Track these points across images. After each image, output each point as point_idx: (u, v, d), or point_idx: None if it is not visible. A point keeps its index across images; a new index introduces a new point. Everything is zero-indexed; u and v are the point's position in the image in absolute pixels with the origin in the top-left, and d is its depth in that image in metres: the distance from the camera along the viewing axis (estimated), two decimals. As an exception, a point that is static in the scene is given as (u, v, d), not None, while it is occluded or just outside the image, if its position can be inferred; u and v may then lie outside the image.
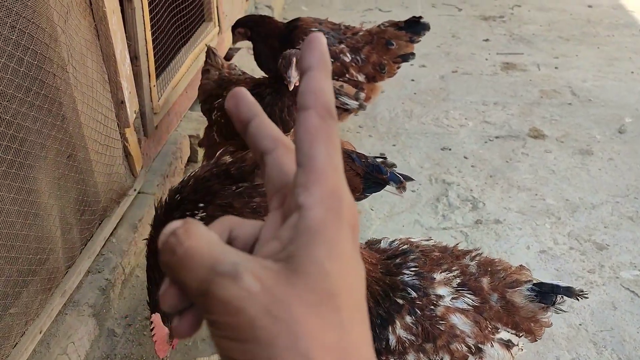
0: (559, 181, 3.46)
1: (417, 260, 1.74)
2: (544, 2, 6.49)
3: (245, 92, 0.50)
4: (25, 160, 1.87)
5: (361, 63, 3.50)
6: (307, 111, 0.44)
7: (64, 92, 2.04)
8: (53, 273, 2.18)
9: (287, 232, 0.42)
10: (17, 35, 1.74)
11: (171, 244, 0.42)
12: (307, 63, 0.46)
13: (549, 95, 4.47)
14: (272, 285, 0.39)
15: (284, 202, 0.45)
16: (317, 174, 0.42)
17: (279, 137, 0.49)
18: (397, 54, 3.53)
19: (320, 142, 0.43)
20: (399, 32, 3.51)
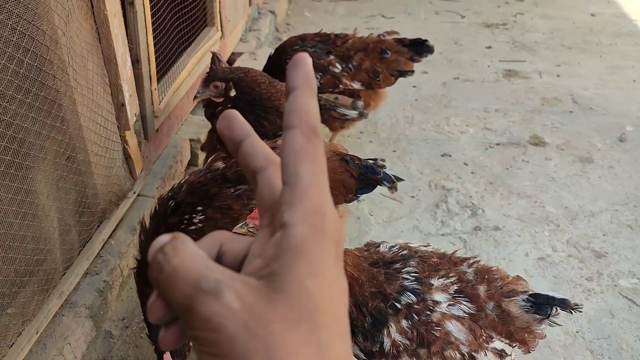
0: (558, 189, 3.46)
1: (416, 266, 1.74)
2: (547, 10, 6.50)
3: (237, 113, 0.51)
4: (24, 161, 1.89)
5: (354, 71, 3.49)
6: (293, 130, 0.45)
7: (63, 94, 2.06)
8: (50, 274, 2.19)
9: (270, 249, 0.42)
10: (17, 37, 1.76)
11: (159, 261, 0.43)
12: (292, 83, 0.47)
13: (550, 103, 4.47)
14: (252, 303, 0.40)
15: (274, 222, 0.46)
16: (301, 191, 0.43)
17: (270, 157, 0.50)
18: (395, 67, 3.53)
19: (305, 161, 0.44)
20: (401, 48, 3.52)
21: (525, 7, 6.58)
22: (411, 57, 3.54)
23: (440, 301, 1.68)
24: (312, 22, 6.05)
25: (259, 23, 5.32)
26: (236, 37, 4.78)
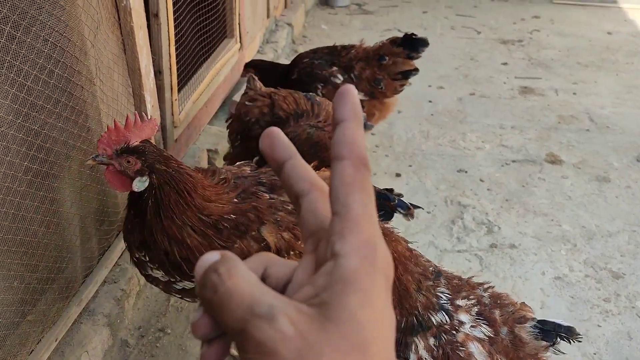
0: (575, 207, 3.45)
1: (446, 286, 1.75)
2: (563, 27, 6.51)
3: (280, 132, 0.51)
4: (51, 170, 1.91)
5: (355, 81, 3.46)
6: (343, 162, 0.46)
7: (90, 104, 2.09)
8: (70, 282, 2.21)
9: (322, 278, 0.43)
10: (49, 48, 1.79)
11: (213, 282, 0.43)
12: (340, 115, 0.48)
13: (566, 120, 4.47)
14: (305, 330, 0.40)
15: (317, 246, 0.46)
16: (352, 222, 0.44)
17: (314, 180, 0.50)
18: (395, 70, 3.48)
19: (356, 192, 0.45)
20: (397, 49, 3.47)
21: (542, 24, 6.59)
22: (408, 55, 3.47)
23: (465, 322, 1.68)
24: (328, 35, 6.09)
25: (276, 35, 5.36)
26: (254, 49, 4.82)
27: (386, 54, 3.47)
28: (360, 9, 6.97)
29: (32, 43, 1.71)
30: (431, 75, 5.24)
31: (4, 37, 1.59)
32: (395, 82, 3.51)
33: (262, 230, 1.83)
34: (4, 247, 1.79)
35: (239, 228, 1.84)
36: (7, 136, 1.69)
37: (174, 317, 2.62)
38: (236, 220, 1.84)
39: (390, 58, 3.46)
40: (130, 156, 1.71)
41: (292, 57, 5.26)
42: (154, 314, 2.62)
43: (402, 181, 3.69)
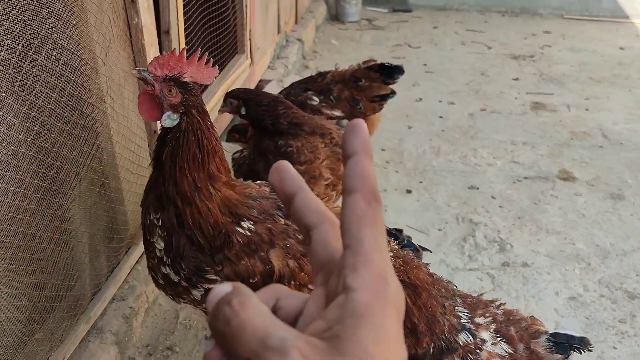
0: (589, 225, 3.40)
1: (462, 305, 1.73)
2: (575, 42, 6.48)
3: (289, 165, 0.52)
4: (61, 188, 1.91)
5: (334, 102, 3.50)
6: (355, 195, 0.47)
7: (101, 122, 2.09)
8: (79, 299, 2.20)
9: (333, 312, 0.43)
10: (60, 67, 1.79)
11: (226, 314, 0.43)
12: (352, 148, 0.48)
13: (579, 137, 4.43)
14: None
15: (328, 279, 0.47)
16: (364, 256, 0.44)
17: (324, 213, 0.51)
18: (372, 93, 3.52)
19: (367, 226, 0.45)
20: (373, 74, 3.52)
21: (553, 40, 6.57)
22: (384, 81, 3.52)
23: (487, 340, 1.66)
24: (338, 50, 6.11)
25: (286, 51, 5.37)
26: (264, 65, 4.83)
27: (362, 77, 3.51)
28: (370, 24, 6.99)
29: (44, 62, 1.71)
30: (442, 90, 5.22)
31: (15, 57, 1.60)
32: (374, 104, 3.55)
33: (270, 253, 1.81)
34: (13, 265, 1.78)
35: (250, 246, 1.83)
36: (17, 154, 1.69)
37: (183, 335, 2.60)
38: (250, 238, 1.82)
39: (366, 81, 3.51)
40: (175, 87, 1.62)
41: (302, 73, 5.29)
42: (162, 331, 2.60)
43: (412, 198, 3.66)
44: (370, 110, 3.57)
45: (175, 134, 1.66)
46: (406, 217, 3.46)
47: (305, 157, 2.67)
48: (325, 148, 2.74)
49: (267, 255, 1.81)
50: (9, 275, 1.78)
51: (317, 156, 2.68)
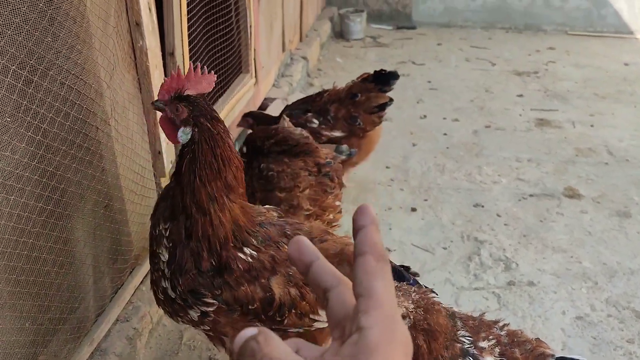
0: (595, 243, 3.38)
1: (464, 329, 1.71)
2: (579, 58, 6.49)
3: (305, 239, 0.59)
4: (65, 210, 1.92)
5: (332, 122, 3.51)
6: (365, 256, 0.54)
7: (105, 144, 2.10)
8: (83, 321, 2.20)
9: (347, 349, 0.49)
10: (65, 91, 1.81)
11: (252, 348, 0.49)
12: (361, 222, 0.56)
13: (584, 153, 4.41)
14: None
15: (344, 334, 0.52)
16: (375, 301, 0.50)
17: (339, 276, 0.57)
18: (370, 104, 3.52)
19: (377, 278, 0.52)
20: (368, 85, 3.53)
21: (557, 56, 6.58)
22: (380, 89, 3.53)
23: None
24: (343, 68, 6.14)
25: (291, 69, 5.41)
26: (269, 83, 4.86)
27: (358, 92, 3.53)
28: (375, 42, 7.03)
29: (48, 87, 1.73)
30: (446, 107, 5.23)
31: (20, 82, 1.62)
32: (373, 116, 3.55)
33: (271, 280, 1.81)
34: (17, 288, 1.79)
35: (250, 272, 1.82)
36: (22, 178, 1.71)
37: (187, 356, 2.59)
38: (251, 264, 1.82)
39: (362, 94, 3.53)
40: (179, 103, 1.69)
41: (307, 90, 5.32)
42: (166, 352, 2.59)
43: (417, 216, 3.65)
44: (369, 124, 3.57)
45: (190, 146, 1.71)
46: (411, 236, 3.45)
47: (285, 183, 2.65)
48: (308, 176, 2.71)
49: (268, 282, 1.81)
50: (13, 298, 1.78)
51: (297, 184, 2.65)
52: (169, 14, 2.64)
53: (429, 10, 7.68)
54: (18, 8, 1.56)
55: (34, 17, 1.62)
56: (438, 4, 7.64)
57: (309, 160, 2.69)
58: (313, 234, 1.98)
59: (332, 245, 1.95)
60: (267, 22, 4.59)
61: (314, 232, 2.00)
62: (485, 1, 7.54)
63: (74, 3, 1.81)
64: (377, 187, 3.95)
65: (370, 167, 4.14)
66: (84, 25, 1.88)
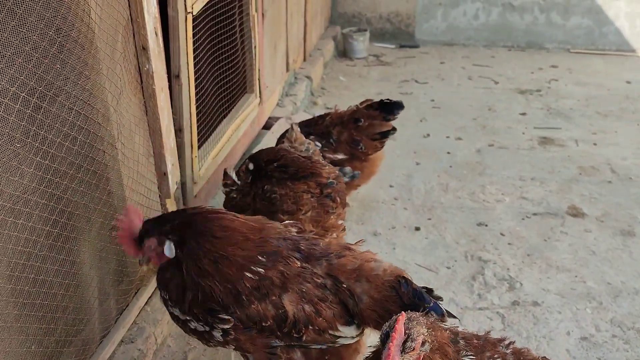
0: (599, 263, 3.37)
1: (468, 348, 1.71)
2: (581, 76, 6.52)
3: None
4: (71, 233, 1.94)
5: (335, 145, 3.56)
6: None
7: (111, 167, 2.13)
8: (88, 343, 2.21)
9: None
10: (73, 116, 1.84)
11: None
12: None
13: (587, 172, 4.42)
14: None
15: None
16: None
17: None
18: (373, 131, 3.58)
19: None
20: (373, 112, 3.59)
21: (559, 74, 6.61)
22: (384, 118, 3.59)
23: None
24: (346, 87, 6.19)
25: (295, 88, 5.45)
26: (273, 102, 4.90)
27: (361, 117, 3.58)
28: (377, 60, 7.08)
29: (57, 112, 1.77)
30: (449, 126, 5.25)
31: (30, 108, 1.65)
32: (375, 142, 3.60)
33: (283, 298, 1.83)
34: (24, 311, 1.80)
35: (260, 290, 1.84)
36: (30, 203, 1.73)
37: (191, 378, 2.59)
38: (259, 282, 1.84)
39: (365, 120, 3.58)
40: (145, 241, 1.86)
41: (311, 110, 5.36)
42: (170, 374, 2.60)
43: (421, 235, 3.66)
44: (372, 148, 3.62)
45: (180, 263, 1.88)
46: (415, 255, 3.45)
47: (287, 206, 2.67)
48: (311, 198, 2.73)
49: (280, 299, 1.83)
50: (19, 321, 1.80)
51: (300, 207, 2.68)
52: (175, 37, 2.68)
53: (432, 29, 7.74)
54: (28, 37, 1.60)
55: (43, 45, 1.66)
56: (441, 22, 7.70)
57: (311, 183, 2.72)
58: (330, 250, 2.00)
59: (351, 261, 1.96)
60: (271, 42, 4.64)
61: (331, 247, 2.02)
62: (488, 20, 7.60)
63: (82, 30, 1.85)
64: (381, 206, 3.96)
65: (374, 186, 4.15)
66: (92, 52, 1.92)
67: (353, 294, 1.91)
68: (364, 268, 1.95)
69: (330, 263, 1.94)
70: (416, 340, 1.40)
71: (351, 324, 1.94)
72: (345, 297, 1.91)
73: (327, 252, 1.97)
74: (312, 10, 6.20)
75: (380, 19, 7.81)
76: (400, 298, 1.89)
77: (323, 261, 1.95)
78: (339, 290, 1.91)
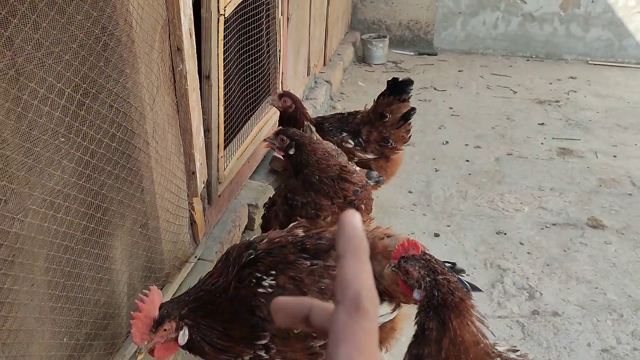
0: (620, 275, 3.36)
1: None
2: (601, 88, 6.50)
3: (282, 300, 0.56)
4: (106, 228, 1.97)
5: (364, 144, 3.61)
6: (337, 307, 0.49)
7: (145, 165, 2.16)
8: (115, 337, 2.23)
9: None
10: (113, 113, 1.87)
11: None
12: (339, 250, 0.51)
13: (607, 184, 4.41)
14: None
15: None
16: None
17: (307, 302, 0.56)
18: (395, 117, 3.60)
19: (343, 344, 0.47)
20: (388, 99, 3.60)
21: (578, 85, 6.60)
22: (400, 99, 3.59)
23: None
24: (365, 92, 6.21)
25: (315, 92, 5.48)
26: (294, 106, 4.92)
27: (384, 110, 3.59)
28: (396, 67, 7.11)
29: (98, 109, 1.80)
30: (468, 134, 5.26)
31: (74, 105, 1.68)
32: (401, 130, 3.62)
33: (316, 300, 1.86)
34: (58, 304, 1.83)
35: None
36: (69, 197, 1.76)
37: (212, 376, 2.61)
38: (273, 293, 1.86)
39: (389, 113, 3.59)
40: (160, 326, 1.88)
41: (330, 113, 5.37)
42: (192, 371, 2.61)
43: (440, 241, 3.67)
44: (400, 141, 3.64)
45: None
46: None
47: (307, 213, 2.71)
48: (332, 205, 2.76)
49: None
50: (53, 313, 1.83)
51: (319, 214, 2.73)
52: (207, 38, 2.71)
53: (451, 37, 7.76)
54: (76, 34, 1.63)
55: (89, 42, 1.69)
56: (460, 31, 7.71)
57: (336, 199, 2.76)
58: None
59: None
60: (294, 47, 4.68)
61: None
62: (507, 29, 7.61)
63: (125, 29, 1.88)
64: (400, 212, 3.97)
65: (394, 191, 4.17)
66: (133, 50, 1.96)
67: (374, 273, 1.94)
68: (377, 246, 1.97)
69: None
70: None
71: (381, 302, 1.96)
72: None
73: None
74: (333, 15, 6.23)
75: (399, 26, 7.84)
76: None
77: (332, 252, 1.97)
78: None
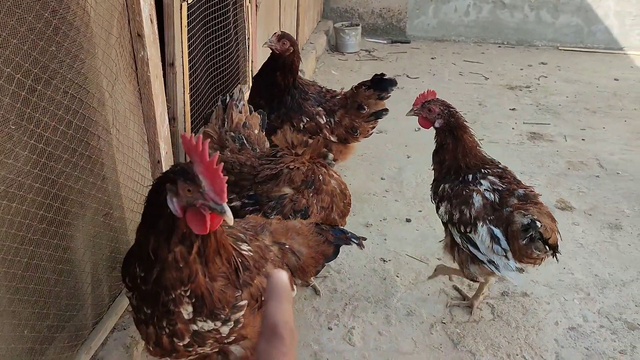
0: (587, 255, 3.42)
1: None
2: (570, 74, 6.58)
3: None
4: (65, 218, 1.93)
5: (334, 125, 3.65)
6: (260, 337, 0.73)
7: (106, 153, 2.12)
8: (80, 329, 2.20)
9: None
10: (68, 99, 1.83)
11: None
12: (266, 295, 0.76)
13: (575, 166, 4.47)
14: None
15: None
16: None
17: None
18: (369, 113, 3.66)
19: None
20: (368, 92, 3.64)
21: (549, 71, 6.67)
22: (379, 96, 3.64)
23: None
24: (338, 81, 6.19)
25: (287, 81, 5.44)
26: (265, 94, 4.88)
27: (363, 101, 3.63)
28: (369, 55, 7.10)
29: (52, 95, 1.76)
30: (440, 120, 5.27)
31: (25, 90, 1.64)
32: (368, 124, 3.69)
33: (268, 267, 1.91)
34: (17, 295, 1.79)
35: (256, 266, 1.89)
36: (24, 186, 1.72)
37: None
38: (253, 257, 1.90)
39: (367, 106, 3.64)
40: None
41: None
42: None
43: (412, 226, 3.68)
44: (364, 134, 3.72)
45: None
46: (406, 246, 3.48)
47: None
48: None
49: (267, 270, 1.90)
50: (12, 305, 1.79)
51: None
52: (170, 25, 2.67)
53: (423, 25, 7.78)
54: (24, 17, 1.59)
55: (39, 26, 1.65)
56: (432, 18, 7.74)
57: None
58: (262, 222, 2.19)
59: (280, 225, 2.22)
60: (264, 34, 4.63)
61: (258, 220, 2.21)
62: (478, 16, 7.65)
63: (78, 14, 1.84)
64: (372, 198, 3.98)
65: (366, 178, 4.17)
66: (88, 35, 1.91)
67: (294, 251, 2.14)
68: (289, 226, 2.19)
69: (270, 232, 2.14)
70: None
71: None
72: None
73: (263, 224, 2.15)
74: (305, 4, 6.20)
75: (372, 15, 7.83)
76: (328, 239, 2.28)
77: (266, 232, 2.13)
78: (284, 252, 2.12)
